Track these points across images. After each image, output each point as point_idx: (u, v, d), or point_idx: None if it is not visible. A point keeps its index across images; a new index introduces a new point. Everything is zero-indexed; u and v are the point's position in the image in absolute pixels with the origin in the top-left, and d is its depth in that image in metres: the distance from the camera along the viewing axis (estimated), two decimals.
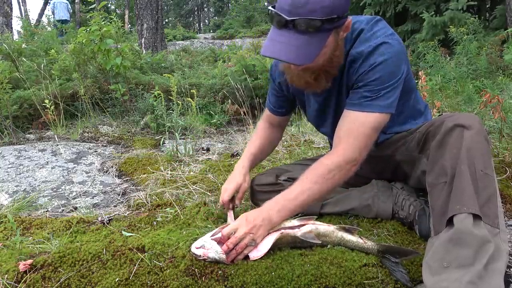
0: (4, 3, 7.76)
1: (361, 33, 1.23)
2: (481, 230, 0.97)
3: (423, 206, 1.36)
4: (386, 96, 1.20)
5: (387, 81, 1.19)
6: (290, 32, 1.08)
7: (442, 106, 3.31)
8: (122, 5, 21.47)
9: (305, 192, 1.22)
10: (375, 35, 1.21)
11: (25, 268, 1.16)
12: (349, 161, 1.22)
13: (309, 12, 1.04)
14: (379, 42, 1.19)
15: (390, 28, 1.25)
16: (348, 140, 1.22)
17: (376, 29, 1.23)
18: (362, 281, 1.11)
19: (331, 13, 1.06)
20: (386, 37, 1.20)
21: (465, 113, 1.19)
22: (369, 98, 1.20)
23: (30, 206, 1.88)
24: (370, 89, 1.20)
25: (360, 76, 1.21)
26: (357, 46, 1.22)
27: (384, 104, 1.20)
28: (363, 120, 1.21)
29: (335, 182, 1.24)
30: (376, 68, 1.18)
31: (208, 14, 38.81)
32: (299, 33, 1.07)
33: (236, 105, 4.07)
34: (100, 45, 3.61)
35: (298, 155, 2.52)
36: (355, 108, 1.23)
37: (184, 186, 2.04)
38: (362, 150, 1.22)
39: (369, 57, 1.19)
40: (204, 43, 12.98)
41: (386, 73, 1.18)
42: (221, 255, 1.15)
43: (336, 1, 1.06)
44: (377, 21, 1.25)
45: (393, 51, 1.18)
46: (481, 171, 1.04)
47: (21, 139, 3.22)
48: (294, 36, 1.08)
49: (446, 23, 5.50)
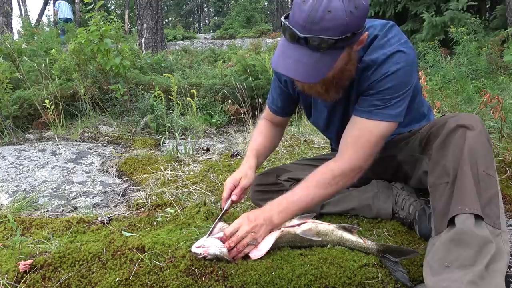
0: (4, 3, 7.76)
1: (374, 39, 1.20)
2: (483, 230, 0.97)
3: (423, 206, 1.36)
4: (396, 105, 1.19)
5: (399, 91, 1.18)
6: (302, 48, 1.05)
7: (442, 106, 3.31)
8: (122, 5, 21.47)
9: (308, 196, 1.22)
10: (389, 42, 1.18)
11: (25, 268, 1.16)
12: (354, 169, 1.22)
13: (323, 31, 1.00)
14: (393, 50, 1.16)
15: (403, 35, 1.22)
16: (355, 148, 1.22)
17: (390, 35, 1.20)
18: (362, 281, 1.11)
19: (345, 31, 1.01)
20: (401, 45, 1.17)
21: (467, 114, 1.19)
22: (379, 107, 1.19)
23: (30, 206, 1.88)
24: (382, 97, 1.18)
25: (372, 83, 1.19)
26: (371, 53, 1.19)
27: (394, 113, 1.19)
28: (372, 128, 1.20)
29: (339, 188, 1.24)
30: (390, 77, 1.16)
31: (208, 14, 38.82)
32: (311, 49, 1.04)
33: (236, 105, 4.07)
34: (99, 45, 3.60)
35: (298, 155, 2.52)
36: (364, 115, 1.22)
37: (184, 186, 2.04)
38: (368, 158, 1.22)
39: (383, 65, 1.17)
40: (204, 43, 12.98)
41: (398, 82, 1.17)
42: (222, 249, 1.15)
43: (352, 18, 1.00)
44: (391, 27, 1.22)
45: (407, 60, 1.17)
46: (484, 171, 1.04)
47: (21, 139, 3.22)
48: (305, 53, 1.04)
49: (446, 23, 5.51)
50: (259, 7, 21.30)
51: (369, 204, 1.48)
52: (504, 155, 2.03)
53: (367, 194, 1.49)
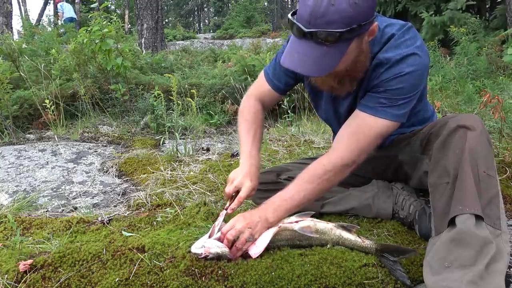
0: (4, 2, 7.76)
1: (391, 38, 1.19)
2: (483, 231, 0.97)
3: (423, 206, 1.36)
4: (402, 106, 1.18)
5: (408, 93, 1.17)
6: (308, 43, 1.05)
7: (442, 106, 3.31)
8: (122, 5, 21.47)
9: (301, 193, 1.22)
10: (405, 44, 1.17)
11: (25, 268, 1.16)
12: (346, 163, 1.21)
13: (328, 24, 1.00)
14: (409, 52, 1.15)
15: (420, 38, 1.21)
16: (350, 142, 1.21)
17: (407, 37, 1.19)
18: (362, 281, 1.11)
19: (351, 23, 1.00)
20: (416, 48, 1.16)
21: (468, 114, 1.19)
22: (385, 105, 1.19)
23: (30, 206, 1.88)
24: (389, 96, 1.18)
25: (382, 82, 1.19)
26: (386, 51, 1.19)
27: (398, 114, 1.19)
28: (372, 124, 1.20)
29: (331, 183, 1.23)
30: (401, 78, 1.15)
31: (208, 14, 38.82)
32: (318, 44, 1.04)
33: (236, 105, 4.07)
34: (101, 45, 3.61)
35: (298, 155, 2.52)
36: (368, 111, 1.21)
37: (184, 186, 2.04)
38: (362, 153, 1.21)
39: (396, 65, 1.16)
40: (204, 43, 12.98)
41: (408, 84, 1.16)
42: (223, 248, 1.15)
43: (357, 9, 1.00)
44: (408, 28, 1.21)
45: (421, 64, 1.16)
46: (484, 172, 1.04)
47: (21, 139, 3.22)
48: (312, 47, 1.05)
49: (445, 23, 5.51)
50: (259, 7, 21.30)
51: (369, 204, 1.48)
52: (504, 155, 2.03)
53: (367, 194, 1.49)
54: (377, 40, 1.20)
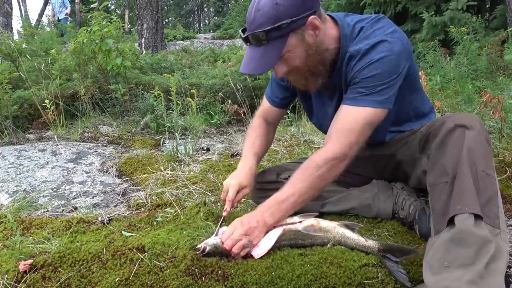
0: (4, 3, 7.76)
1: (360, 31, 1.24)
2: (482, 230, 0.97)
3: (423, 206, 1.36)
4: (381, 92, 1.19)
5: (383, 79, 1.18)
6: (251, 47, 1.21)
7: (442, 106, 3.31)
8: (122, 5, 21.47)
9: (296, 193, 1.22)
10: (374, 34, 1.21)
11: (25, 268, 1.16)
12: (337, 157, 1.21)
13: (257, 27, 1.15)
14: (377, 40, 1.18)
15: (392, 26, 1.23)
16: (338, 135, 1.22)
17: (377, 27, 1.22)
18: (362, 281, 1.11)
19: (275, 21, 1.12)
20: (386, 36, 1.19)
21: (466, 113, 1.19)
22: (363, 93, 1.20)
23: (30, 206, 1.88)
24: (366, 85, 1.20)
25: (356, 73, 1.21)
26: (356, 44, 1.23)
27: (379, 100, 1.19)
28: (356, 115, 1.21)
29: (325, 180, 1.24)
30: (372, 65, 1.18)
31: (208, 14, 38.82)
32: (256, 45, 1.19)
33: (236, 105, 4.07)
34: (101, 45, 3.60)
35: (298, 155, 2.52)
36: (349, 102, 1.23)
37: (184, 186, 2.04)
38: (353, 145, 1.21)
39: (366, 54, 1.19)
40: (204, 43, 12.98)
41: (382, 71, 1.18)
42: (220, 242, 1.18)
43: (281, 8, 1.11)
44: (379, 19, 1.25)
45: (392, 49, 1.17)
46: (483, 171, 1.04)
47: (21, 139, 3.21)
48: (253, 50, 1.20)
49: (446, 23, 5.51)
50: None
51: (369, 204, 1.48)
52: (504, 155, 2.03)
53: (367, 194, 1.50)
54: (348, 36, 1.25)
